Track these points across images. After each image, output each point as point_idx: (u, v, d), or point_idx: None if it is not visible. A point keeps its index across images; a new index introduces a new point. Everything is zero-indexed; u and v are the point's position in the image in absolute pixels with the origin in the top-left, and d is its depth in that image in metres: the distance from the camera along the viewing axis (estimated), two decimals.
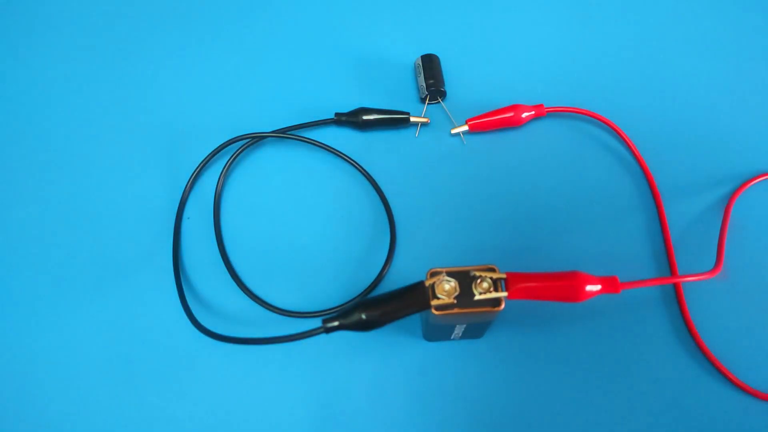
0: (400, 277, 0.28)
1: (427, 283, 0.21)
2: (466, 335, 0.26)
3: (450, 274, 0.22)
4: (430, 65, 0.33)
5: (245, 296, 0.28)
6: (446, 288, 0.21)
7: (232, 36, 0.35)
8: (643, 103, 0.33)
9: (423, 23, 0.35)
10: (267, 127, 0.32)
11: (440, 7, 0.36)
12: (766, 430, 0.26)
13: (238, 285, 0.28)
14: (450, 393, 0.26)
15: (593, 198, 0.30)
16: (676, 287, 0.28)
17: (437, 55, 0.33)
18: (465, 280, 0.22)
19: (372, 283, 0.28)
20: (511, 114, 0.32)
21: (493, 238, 0.29)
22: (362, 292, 0.27)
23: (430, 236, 0.29)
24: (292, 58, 0.34)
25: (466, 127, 0.32)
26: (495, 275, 0.22)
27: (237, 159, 0.31)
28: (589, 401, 0.26)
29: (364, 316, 0.22)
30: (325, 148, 0.31)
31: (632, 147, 0.32)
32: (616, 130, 0.32)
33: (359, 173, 0.31)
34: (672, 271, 0.29)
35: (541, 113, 0.32)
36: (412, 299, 0.22)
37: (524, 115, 0.32)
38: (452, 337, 0.26)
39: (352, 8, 0.36)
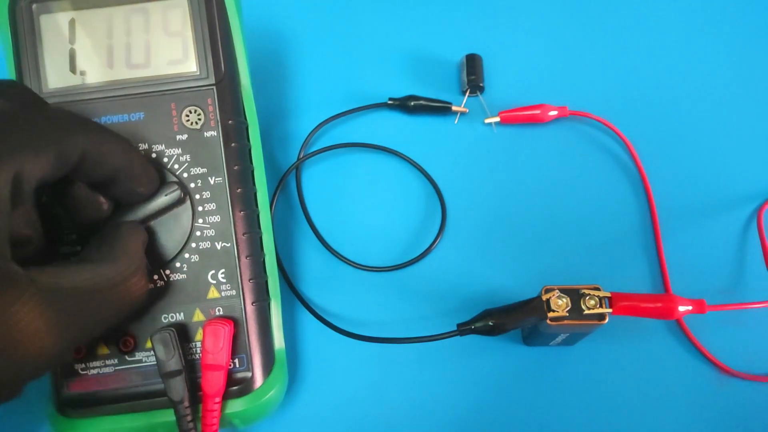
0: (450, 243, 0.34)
1: (543, 298, 0.26)
2: (563, 343, 0.30)
3: (562, 291, 0.26)
4: (473, 63, 0.37)
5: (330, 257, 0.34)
6: (560, 303, 0.26)
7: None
8: (659, 120, 0.37)
9: (470, 27, 0.40)
10: (332, 108, 0.37)
11: (488, 14, 0.41)
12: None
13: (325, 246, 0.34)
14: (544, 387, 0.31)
15: (591, 202, 0.35)
16: None
17: (480, 55, 0.38)
18: (575, 296, 0.26)
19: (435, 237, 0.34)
20: (538, 111, 0.36)
21: (502, 219, 0.35)
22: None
23: (455, 205, 0.35)
24: (356, 50, 0.39)
25: (498, 119, 0.37)
26: (601, 294, 0.26)
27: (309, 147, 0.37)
28: None
29: (491, 323, 0.27)
30: (380, 148, 0.36)
31: (638, 162, 0.36)
32: (626, 143, 0.36)
33: (411, 164, 0.36)
34: (666, 288, 0.33)
35: (564, 114, 0.37)
36: (531, 310, 0.26)
37: (549, 113, 0.36)
38: (551, 344, 0.31)
39: (410, 12, 0.41)
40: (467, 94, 0.38)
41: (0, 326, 0.16)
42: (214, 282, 0.26)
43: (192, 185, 0.26)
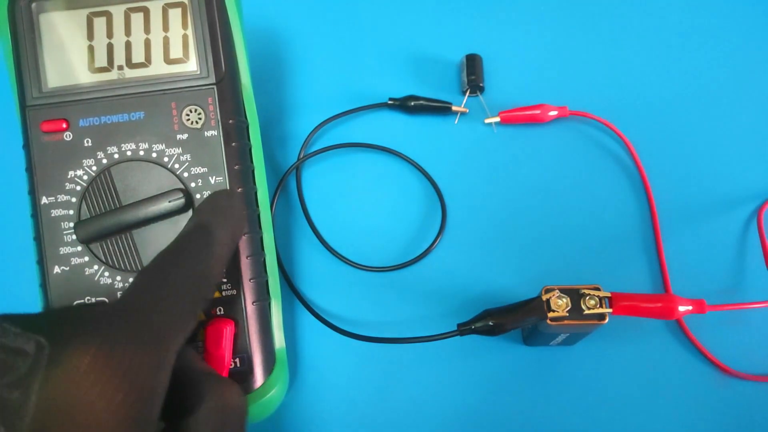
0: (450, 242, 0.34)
1: (544, 298, 0.26)
2: (564, 343, 0.30)
3: (562, 291, 0.26)
4: (473, 63, 0.37)
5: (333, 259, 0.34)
6: (560, 303, 0.26)
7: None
8: (659, 120, 0.37)
9: (470, 27, 0.40)
10: (333, 108, 0.37)
11: (488, 14, 0.40)
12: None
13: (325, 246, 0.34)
14: (545, 386, 0.31)
15: (591, 202, 0.35)
16: None
17: (480, 55, 0.38)
18: (575, 296, 0.26)
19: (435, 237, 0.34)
20: (538, 111, 0.36)
21: (502, 219, 0.35)
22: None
23: (455, 205, 0.35)
24: (356, 50, 0.39)
25: (498, 119, 0.37)
26: (601, 294, 0.26)
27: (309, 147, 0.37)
28: None
29: (491, 323, 0.27)
30: (380, 148, 0.36)
31: (638, 162, 0.36)
32: (626, 143, 0.36)
33: (411, 164, 0.36)
34: (666, 288, 0.32)
35: (564, 114, 0.37)
36: (531, 310, 0.26)
37: (549, 113, 0.36)
38: (551, 344, 0.31)
39: (410, 12, 0.41)
40: (467, 94, 0.38)
41: None
42: None
43: (192, 185, 0.26)
